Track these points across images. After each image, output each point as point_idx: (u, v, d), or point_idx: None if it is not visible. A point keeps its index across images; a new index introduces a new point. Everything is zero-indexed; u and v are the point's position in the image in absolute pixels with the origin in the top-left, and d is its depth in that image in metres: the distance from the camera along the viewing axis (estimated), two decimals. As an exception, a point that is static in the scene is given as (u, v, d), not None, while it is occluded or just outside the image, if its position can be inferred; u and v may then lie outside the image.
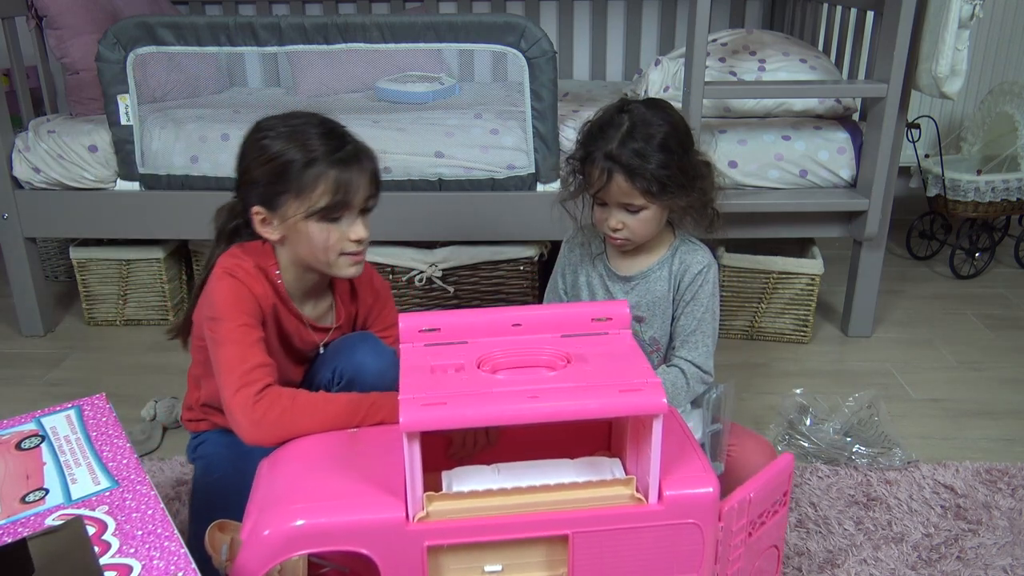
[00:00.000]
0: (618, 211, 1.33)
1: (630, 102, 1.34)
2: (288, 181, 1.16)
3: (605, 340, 1.02)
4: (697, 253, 1.42)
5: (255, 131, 1.22)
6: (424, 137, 2.01)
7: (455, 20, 1.88)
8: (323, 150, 1.17)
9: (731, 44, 2.19)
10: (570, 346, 1.00)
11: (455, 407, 0.87)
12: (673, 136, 1.30)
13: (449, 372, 0.94)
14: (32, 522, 0.85)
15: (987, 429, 1.74)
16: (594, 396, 0.89)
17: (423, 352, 0.98)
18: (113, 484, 0.91)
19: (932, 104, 2.83)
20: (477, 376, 0.93)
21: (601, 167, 1.29)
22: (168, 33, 1.91)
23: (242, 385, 1.11)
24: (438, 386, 0.90)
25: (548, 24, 2.94)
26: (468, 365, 0.95)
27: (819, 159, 1.98)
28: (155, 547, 0.81)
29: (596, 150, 1.30)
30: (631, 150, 1.27)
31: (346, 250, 1.22)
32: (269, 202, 1.19)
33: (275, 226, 1.21)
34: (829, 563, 1.34)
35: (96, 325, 2.29)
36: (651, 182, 1.28)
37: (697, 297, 1.40)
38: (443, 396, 0.88)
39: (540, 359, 0.97)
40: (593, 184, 1.32)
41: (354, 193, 1.19)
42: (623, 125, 1.30)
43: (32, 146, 2.06)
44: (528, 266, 2.15)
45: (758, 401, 1.84)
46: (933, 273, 2.61)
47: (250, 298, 1.20)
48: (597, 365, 0.95)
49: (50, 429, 1.02)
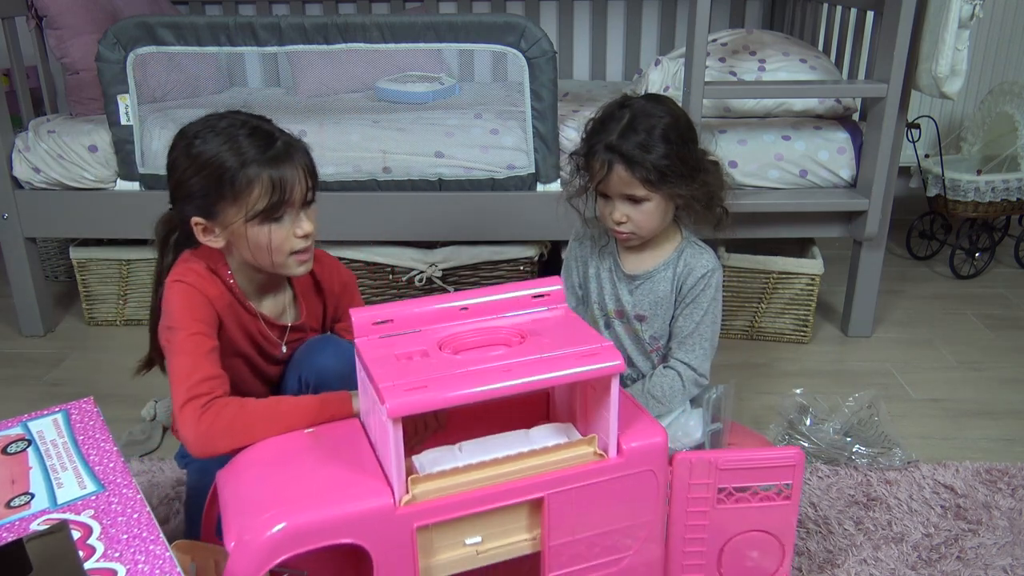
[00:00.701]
0: (621, 203, 1.34)
1: (631, 97, 1.36)
2: (222, 188, 1.13)
3: (549, 316, 1.07)
4: (703, 256, 1.42)
5: (180, 138, 1.18)
6: (424, 137, 2.01)
7: (455, 20, 1.88)
8: (253, 151, 1.13)
9: (731, 44, 2.18)
10: (519, 324, 1.04)
11: (437, 389, 0.90)
12: (673, 127, 1.31)
13: (415, 358, 0.96)
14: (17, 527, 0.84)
15: (987, 429, 1.74)
16: (561, 364, 0.95)
17: (382, 344, 1.00)
18: (99, 488, 0.91)
19: (932, 104, 2.83)
20: (444, 359, 0.97)
21: (602, 159, 1.30)
22: (168, 33, 1.91)
23: (189, 398, 1.08)
24: (411, 372, 0.93)
25: (548, 24, 2.94)
26: (431, 350, 0.98)
27: (819, 159, 1.98)
28: (140, 551, 0.81)
29: (597, 143, 1.32)
30: (631, 141, 1.28)
31: (294, 248, 1.19)
32: (207, 211, 1.16)
33: (217, 234, 1.18)
34: (829, 563, 1.34)
35: (96, 325, 2.29)
36: (651, 171, 1.29)
37: (698, 300, 1.41)
38: (420, 380, 0.90)
39: (498, 338, 1.02)
40: (595, 176, 1.33)
41: (291, 190, 1.15)
42: (624, 118, 1.31)
43: (32, 146, 2.06)
44: (528, 266, 2.15)
45: (758, 401, 1.84)
46: (933, 273, 2.61)
47: (203, 303, 1.17)
48: (551, 337, 1.00)
49: (37, 433, 1.02)
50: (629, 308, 1.46)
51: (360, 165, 2.02)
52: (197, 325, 1.15)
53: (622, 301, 1.47)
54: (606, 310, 1.49)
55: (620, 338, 1.49)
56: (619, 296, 1.47)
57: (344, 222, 2.04)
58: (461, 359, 0.96)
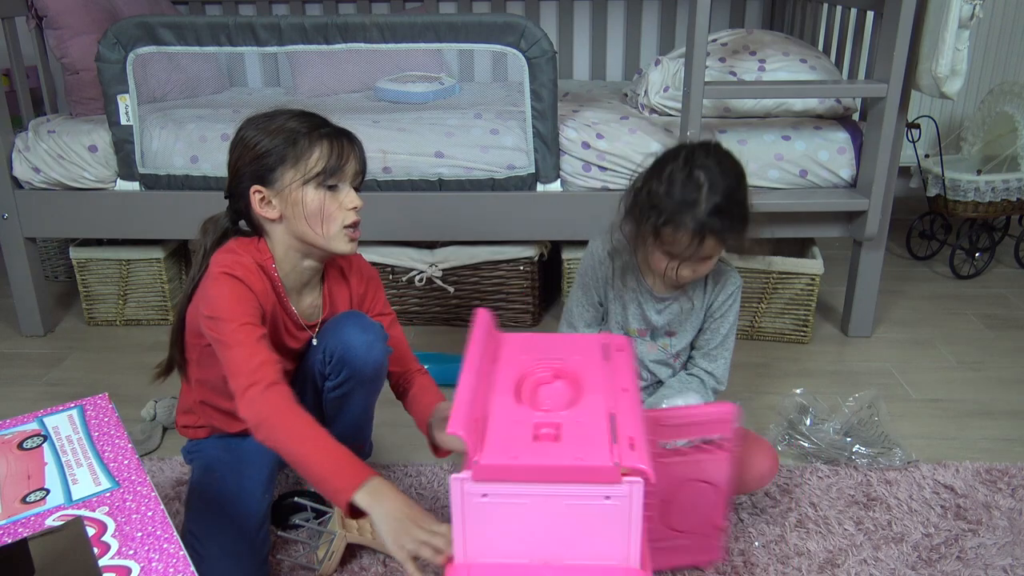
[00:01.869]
0: (694, 263, 1.34)
1: (692, 153, 1.31)
2: (284, 151, 1.21)
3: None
4: (730, 275, 1.47)
5: (246, 123, 1.26)
6: (424, 137, 2.01)
7: (455, 20, 1.88)
8: (313, 124, 1.23)
9: (731, 44, 2.19)
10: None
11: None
12: (741, 185, 1.32)
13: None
14: (32, 522, 0.85)
15: (987, 429, 1.74)
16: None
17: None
18: (114, 485, 0.91)
19: (932, 104, 2.83)
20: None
21: (692, 232, 1.28)
22: (168, 33, 1.91)
23: (251, 383, 1.12)
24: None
25: (548, 24, 2.94)
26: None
27: (819, 159, 1.98)
28: (154, 549, 0.81)
29: (681, 215, 1.27)
30: (720, 213, 1.27)
31: (347, 220, 1.25)
32: (266, 178, 1.22)
33: (273, 203, 1.23)
34: (829, 563, 1.34)
35: (96, 325, 2.29)
36: (738, 238, 1.32)
37: (725, 316, 1.46)
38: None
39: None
40: (683, 249, 1.30)
41: (347, 162, 1.24)
42: (702, 186, 1.28)
43: (32, 146, 2.06)
44: (528, 266, 2.15)
45: (758, 401, 1.84)
46: (933, 273, 2.61)
47: (251, 297, 1.21)
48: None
49: (52, 429, 1.02)
50: (659, 326, 1.47)
51: (360, 165, 2.01)
52: (246, 316, 1.18)
53: (650, 320, 1.47)
54: (628, 329, 1.49)
55: (643, 356, 1.49)
56: (646, 316, 1.47)
57: (344, 222, 2.04)
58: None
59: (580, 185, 2.02)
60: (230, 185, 1.27)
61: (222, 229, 1.31)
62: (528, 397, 0.95)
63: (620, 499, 0.85)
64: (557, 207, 2.01)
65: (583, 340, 1.09)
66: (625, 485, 0.84)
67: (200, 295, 1.24)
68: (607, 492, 0.84)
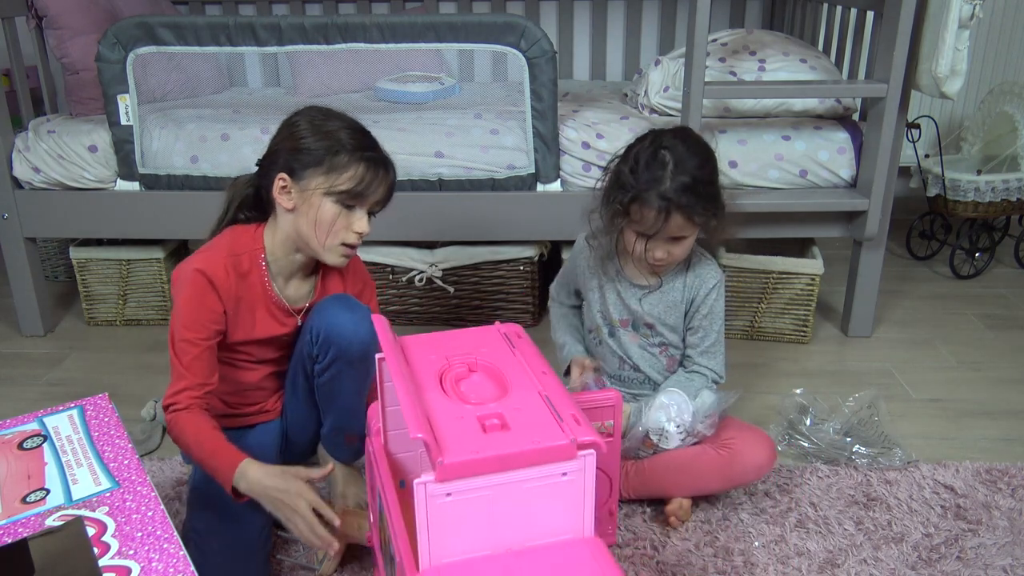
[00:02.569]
0: (664, 243, 1.37)
1: (660, 135, 1.37)
2: (323, 157, 1.25)
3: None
4: (710, 267, 1.48)
5: (306, 110, 1.31)
6: (424, 137, 2.01)
7: (455, 20, 1.88)
8: (360, 144, 1.28)
9: (731, 44, 2.19)
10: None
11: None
12: (710, 166, 1.36)
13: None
14: (32, 522, 0.85)
15: (987, 429, 1.74)
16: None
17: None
18: (114, 485, 0.91)
19: (932, 104, 2.83)
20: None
21: (657, 208, 1.32)
22: (168, 33, 1.91)
23: (166, 407, 1.24)
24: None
25: (548, 24, 2.94)
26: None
27: (819, 159, 1.98)
28: (155, 549, 0.81)
29: (647, 191, 1.32)
30: (685, 189, 1.31)
31: (346, 240, 1.29)
32: (296, 172, 1.26)
33: (292, 196, 1.27)
34: (829, 563, 1.34)
35: (96, 325, 2.29)
36: (705, 216, 1.34)
37: (713, 311, 1.48)
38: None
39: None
40: (649, 225, 1.34)
41: (373, 191, 1.28)
42: (667, 163, 1.32)
43: (32, 146, 2.06)
44: (528, 266, 2.15)
45: (758, 401, 1.84)
46: (933, 273, 2.61)
47: (209, 301, 1.27)
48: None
49: (52, 429, 1.02)
50: (639, 316, 1.49)
51: (360, 165, 2.02)
52: (191, 329, 1.25)
53: (631, 309, 1.50)
54: (610, 319, 1.52)
55: (625, 346, 1.52)
56: (628, 305, 1.50)
57: (344, 222, 2.04)
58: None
59: (580, 185, 2.02)
60: (264, 157, 1.32)
61: (242, 195, 1.35)
62: (455, 394, 0.96)
63: (575, 473, 0.88)
64: (557, 207, 2.02)
65: (482, 332, 1.10)
66: (579, 459, 0.87)
67: (177, 274, 1.30)
68: (563, 469, 0.87)
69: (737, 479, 1.44)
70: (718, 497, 1.50)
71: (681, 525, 1.44)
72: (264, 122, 2.05)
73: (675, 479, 1.43)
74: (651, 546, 1.39)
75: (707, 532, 1.42)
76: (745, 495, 1.51)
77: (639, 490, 1.47)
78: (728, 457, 1.41)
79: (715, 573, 1.33)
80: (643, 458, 1.46)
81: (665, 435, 1.40)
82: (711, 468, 1.42)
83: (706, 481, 1.43)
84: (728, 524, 1.44)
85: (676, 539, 1.41)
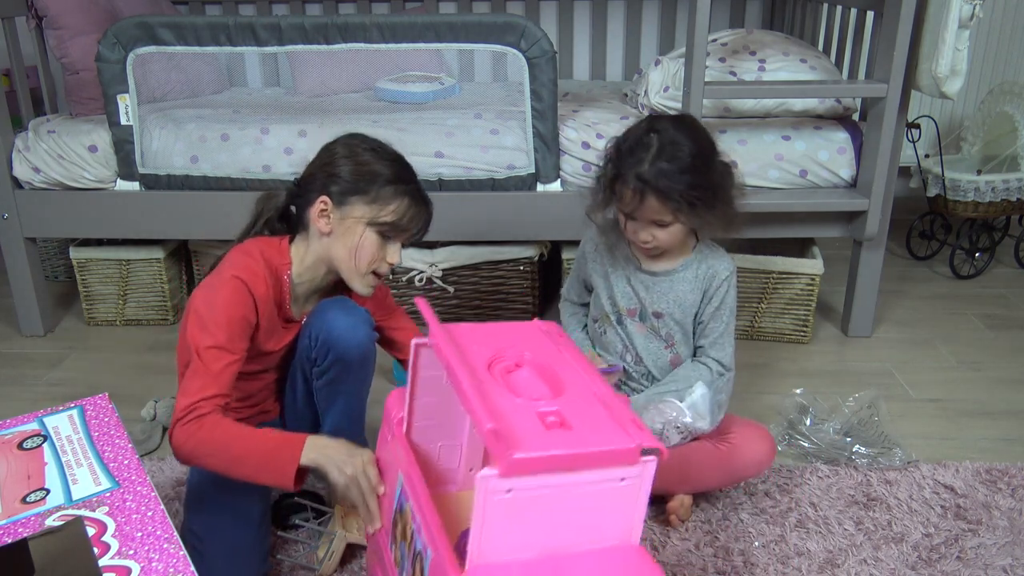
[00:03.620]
0: (649, 226, 1.38)
1: (657, 119, 1.38)
2: (369, 187, 1.26)
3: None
4: (722, 259, 1.48)
5: (351, 136, 1.32)
6: (424, 137, 2.01)
7: (455, 20, 1.88)
8: (406, 178, 1.30)
9: (731, 44, 2.18)
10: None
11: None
12: (699, 155, 1.34)
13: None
14: (32, 522, 0.85)
15: (987, 429, 1.74)
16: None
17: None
18: (114, 485, 0.91)
19: (932, 104, 2.83)
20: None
21: (633, 188, 1.33)
22: (168, 33, 1.91)
23: (188, 410, 1.14)
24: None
25: (548, 24, 2.94)
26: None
27: (819, 159, 1.98)
28: (154, 549, 0.81)
29: (627, 171, 1.33)
30: (663, 173, 1.31)
31: (379, 270, 1.32)
32: (339, 197, 1.27)
33: (331, 220, 1.28)
34: (829, 563, 1.34)
35: (96, 325, 2.29)
36: (681, 203, 1.32)
37: (725, 302, 1.47)
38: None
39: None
40: (627, 204, 1.36)
41: (413, 227, 1.31)
42: (652, 146, 1.33)
43: (32, 146, 2.06)
44: (528, 266, 2.15)
45: (758, 401, 1.84)
46: (933, 273, 2.61)
47: (247, 309, 1.23)
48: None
49: (52, 429, 1.02)
50: (647, 304, 1.49)
51: (360, 165, 2.02)
52: (225, 336, 1.19)
53: (639, 298, 1.49)
54: (618, 308, 1.52)
55: (631, 336, 1.51)
56: (636, 293, 1.49)
57: (344, 222, 2.04)
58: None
59: (580, 185, 2.02)
60: (304, 177, 1.32)
61: (274, 210, 1.35)
62: (509, 387, 0.93)
63: (633, 479, 0.86)
64: (557, 207, 2.01)
65: (523, 328, 1.08)
66: (639, 465, 0.85)
67: (206, 285, 1.25)
68: (623, 474, 0.85)
69: (737, 474, 1.44)
70: (718, 497, 1.50)
71: (682, 525, 1.44)
72: (264, 122, 2.05)
73: (675, 474, 1.43)
74: (651, 546, 1.39)
75: (707, 532, 1.42)
76: (745, 495, 1.51)
77: None
78: (727, 452, 1.42)
79: (715, 573, 1.33)
80: None
81: (664, 435, 1.40)
82: (711, 463, 1.42)
83: (706, 476, 1.44)
84: (728, 524, 1.44)
85: (676, 539, 1.41)
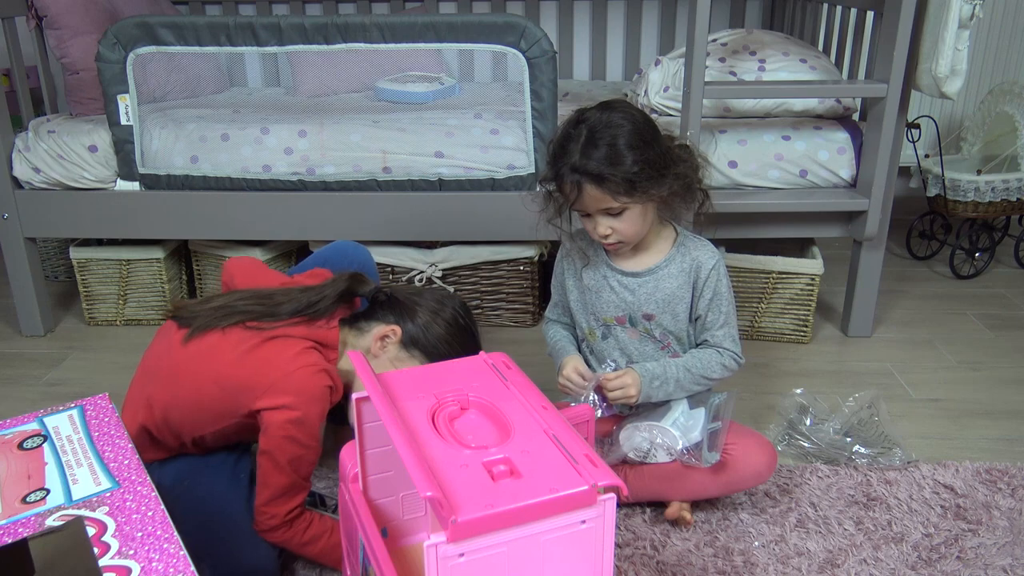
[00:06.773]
0: (602, 217, 1.34)
1: (585, 111, 1.35)
2: (434, 353, 1.33)
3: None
4: (706, 249, 1.43)
5: (456, 302, 1.41)
6: (424, 137, 2.01)
7: (455, 20, 1.88)
8: (472, 348, 1.35)
9: (731, 44, 2.19)
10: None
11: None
12: (633, 133, 1.30)
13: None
14: (33, 522, 0.85)
15: (987, 429, 1.74)
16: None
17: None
18: (114, 485, 0.91)
19: (932, 104, 2.83)
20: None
21: (570, 181, 1.31)
22: (168, 33, 1.91)
23: (287, 514, 1.23)
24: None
25: (548, 24, 2.94)
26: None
27: (819, 159, 1.98)
28: (155, 549, 0.81)
29: (562, 166, 1.32)
30: (594, 158, 1.28)
31: None
32: (408, 338, 1.34)
33: (387, 349, 1.34)
34: (829, 563, 1.34)
35: (96, 325, 2.29)
36: (620, 183, 1.28)
37: (718, 291, 1.42)
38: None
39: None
40: (568, 199, 1.33)
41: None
42: (581, 135, 1.30)
43: (32, 146, 2.06)
44: (528, 266, 2.15)
45: (758, 401, 1.84)
46: (933, 273, 2.61)
47: (327, 408, 1.25)
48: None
49: (52, 429, 1.02)
50: (635, 308, 1.43)
51: (360, 165, 2.02)
52: (316, 439, 1.23)
53: (626, 303, 1.44)
54: (603, 319, 1.46)
55: (624, 343, 1.46)
56: (622, 300, 1.44)
57: (344, 222, 2.04)
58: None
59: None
60: (392, 298, 1.38)
61: (340, 293, 1.34)
62: (453, 436, 0.87)
63: (595, 520, 0.82)
64: (557, 207, 2.01)
65: (467, 364, 1.03)
66: (599, 505, 0.81)
67: (285, 383, 1.21)
68: (582, 516, 0.81)
69: (735, 486, 1.42)
70: (718, 497, 1.50)
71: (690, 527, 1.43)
72: (264, 122, 2.05)
73: (672, 485, 1.42)
74: (651, 546, 1.39)
75: (707, 532, 1.42)
76: (745, 495, 1.51)
77: (637, 493, 1.45)
78: (726, 464, 1.39)
79: (715, 573, 1.33)
80: (634, 463, 1.44)
81: (652, 453, 1.39)
82: (708, 475, 1.40)
83: (703, 488, 1.42)
84: (728, 524, 1.44)
85: (676, 539, 1.41)
